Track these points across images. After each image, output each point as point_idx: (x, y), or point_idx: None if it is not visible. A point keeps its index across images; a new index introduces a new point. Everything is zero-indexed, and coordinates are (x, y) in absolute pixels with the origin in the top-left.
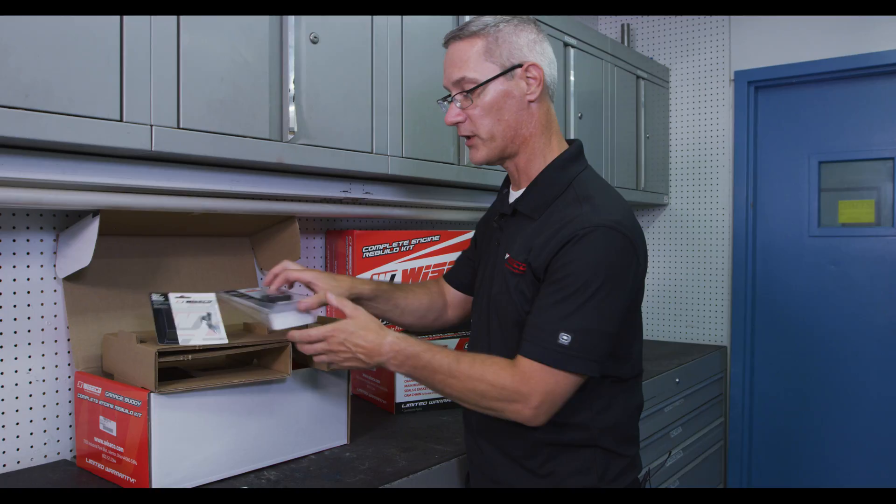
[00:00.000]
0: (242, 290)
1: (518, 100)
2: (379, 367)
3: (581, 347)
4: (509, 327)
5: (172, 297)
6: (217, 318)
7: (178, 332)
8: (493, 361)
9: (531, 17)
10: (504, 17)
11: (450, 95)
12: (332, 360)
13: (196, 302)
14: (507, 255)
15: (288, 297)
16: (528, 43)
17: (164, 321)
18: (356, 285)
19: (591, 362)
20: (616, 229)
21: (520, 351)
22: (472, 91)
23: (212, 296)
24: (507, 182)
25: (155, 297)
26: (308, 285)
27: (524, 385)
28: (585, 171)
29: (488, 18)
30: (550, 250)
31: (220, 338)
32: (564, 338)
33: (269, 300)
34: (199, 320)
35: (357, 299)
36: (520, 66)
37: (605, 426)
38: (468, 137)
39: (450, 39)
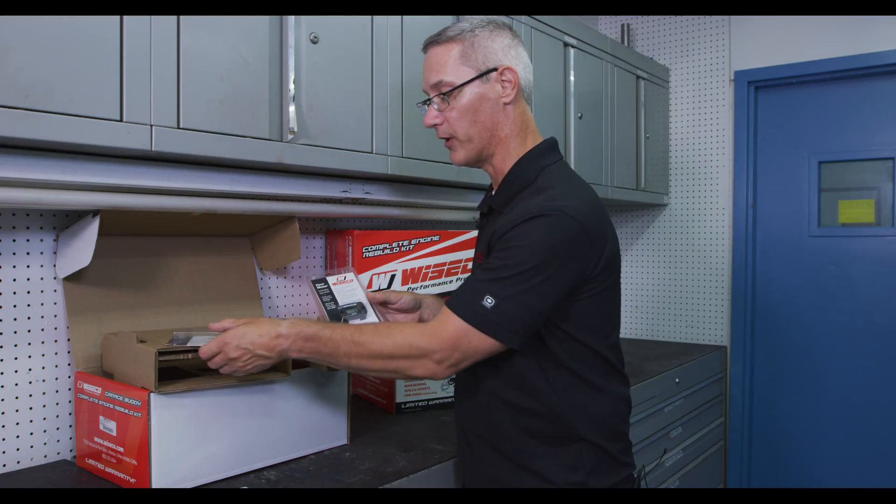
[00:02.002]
0: (331, 282)
1: (493, 102)
2: (282, 357)
3: (502, 314)
4: None
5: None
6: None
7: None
8: (399, 325)
9: (507, 20)
10: (481, 22)
11: (429, 99)
12: (236, 367)
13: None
14: (476, 251)
15: (361, 309)
16: (504, 48)
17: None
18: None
19: (510, 332)
20: (567, 214)
21: (446, 302)
22: (448, 94)
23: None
24: (491, 186)
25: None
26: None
27: (433, 339)
28: (555, 164)
29: (465, 24)
30: (502, 232)
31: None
32: (489, 300)
33: (340, 312)
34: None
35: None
36: (495, 69)
37: (587, 418)
38: (447, 139)
39: (428, 45)
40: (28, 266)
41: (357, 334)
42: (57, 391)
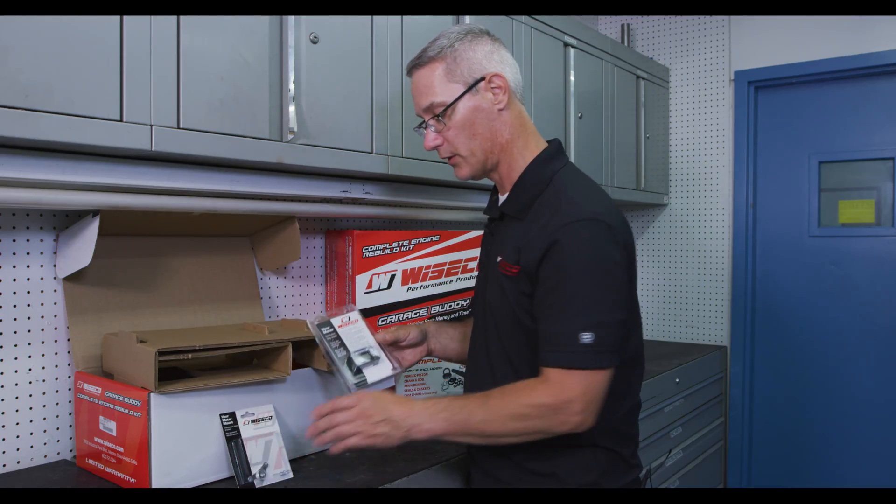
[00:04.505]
0: (336, 325)
1: (488, 111)
2: (406, 440)
3: (603, 341)
4: (507, 329)
5: (239, 417)
6: (279, 441)
7: (254, 471)
8: (520, 386)
9: (484, 26)
10: (458, 34)
11: (423, 122)
12: (359, 429)
13: (260, 420)
14: (500, 259)
15: (373, 358)
16: (486, 55)
17: (240, 458)
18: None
19: (614, 353)
20: (596, 219)
21: (543, 362)
22: (442, 114)
23: (270, 408)
24: (495, 188)
25: (225, 420)
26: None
27: (561, 394)
28: (565, 167)
29: (443, 40)
30: (539, 251)
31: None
32: (586, 337)
33: (353, 358)
34: (266, 446)
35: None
36: (482, 79)
37: (603, 425)
38: (450, 157)
39: (411, 68)
40: (28, 266)
41: (486, 401)
42: (57, 391)
